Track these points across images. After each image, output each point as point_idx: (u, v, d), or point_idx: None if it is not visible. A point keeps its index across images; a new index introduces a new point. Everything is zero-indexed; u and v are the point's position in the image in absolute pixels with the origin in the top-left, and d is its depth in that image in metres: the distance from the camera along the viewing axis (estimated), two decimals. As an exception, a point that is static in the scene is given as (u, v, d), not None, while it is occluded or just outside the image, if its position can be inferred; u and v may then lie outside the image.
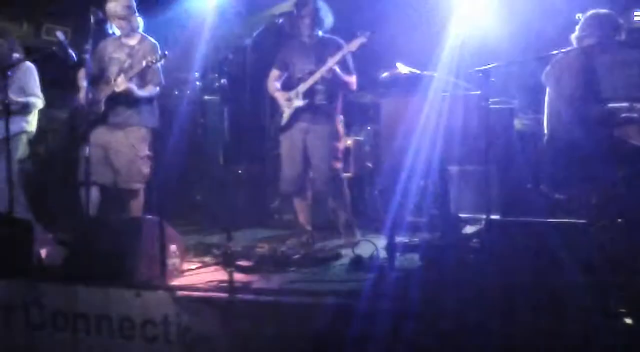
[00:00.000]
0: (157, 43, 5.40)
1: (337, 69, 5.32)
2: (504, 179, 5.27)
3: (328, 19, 5.49)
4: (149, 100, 5.40)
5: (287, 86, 5.57)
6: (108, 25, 5.36)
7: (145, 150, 5.39)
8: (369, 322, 3.49)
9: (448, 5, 6.05)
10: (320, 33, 5.47)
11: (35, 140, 6.17)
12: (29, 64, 5.99)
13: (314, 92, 5.41)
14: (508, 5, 6.03)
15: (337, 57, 5.30)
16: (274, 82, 5.62)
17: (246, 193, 6.68)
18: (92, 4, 5.07)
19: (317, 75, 5.35)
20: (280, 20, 5.44)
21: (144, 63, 5.14)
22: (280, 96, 5.54)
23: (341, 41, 5.41)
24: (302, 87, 5.42)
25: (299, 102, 5.43)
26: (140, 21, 5.42)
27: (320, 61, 5.37)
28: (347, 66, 5.43)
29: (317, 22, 5.44)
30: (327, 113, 5.46)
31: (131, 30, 5.38)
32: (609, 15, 4.79)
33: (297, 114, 5.46)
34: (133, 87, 5.22)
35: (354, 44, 5.27)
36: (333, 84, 5.40)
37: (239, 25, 7.36)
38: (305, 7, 5.42)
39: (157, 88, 5.41)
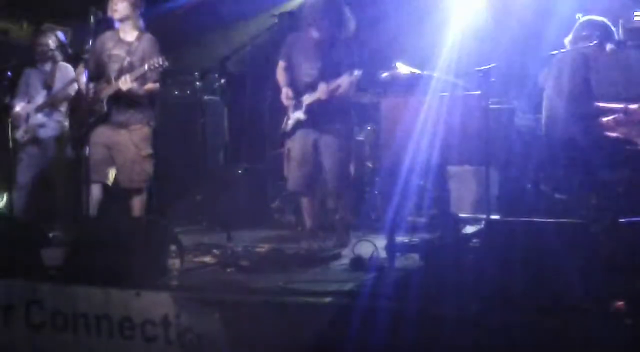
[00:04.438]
0: (156, 40, 5.37)
1: (334, 92, 5.18)
2: (504, 179, 5.27)
3: (350, 24, 5.27)
4: (150, 98, 5.39)
5: (290, 82, 5.41)
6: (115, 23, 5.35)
7: (148, 149, 5.38)
8: (369, 322, 3.49)
9: (448, 5, 6.06)
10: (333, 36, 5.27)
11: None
12: (65, 64, 6.03)
13: (315, 109, 5.28)
14: (508, 5, 6.04)
15: (331, 86, 5.15)
16: (283, 74, 5.43)
17: (246, 193, 6.68)
18: (92, 4, 5.06)
19: (315, 97, 5.22)
20: (276, 19, 5.38)
21: (146, 66, 5.10)
22: (285, 94, 5.37)
23: (353, 55, 5.19)
24: (306, 100, 5.29)
25: (301, 115, 5.33)
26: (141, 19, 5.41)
27: (327, 67, 5.21)
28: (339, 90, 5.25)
29: (335, 25, 5.22)
30: (335, 122, 5.34)
31: (130, 21, 5.31)
32: (603, 21, 4.84)
33: (301, 125, 5.36)
34: (136, 87, 5.21)
35: (344, 81, 5.12)
36: (335, 99, 5.25)
37: (239, 26, 7.37)
38: (328, 7, 5.20)
39: (157, 85, 5.39)
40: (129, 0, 5.26)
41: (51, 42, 6.09)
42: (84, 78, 5.19)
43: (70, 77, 6.00)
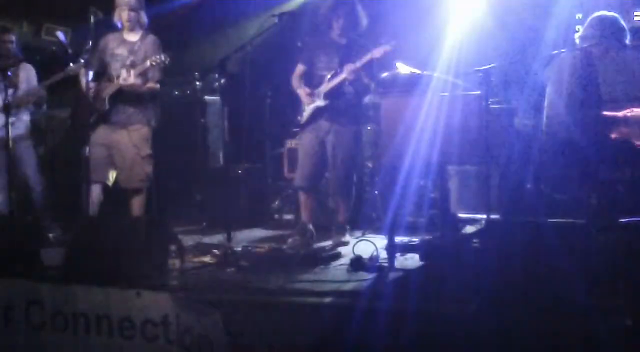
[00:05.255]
0: (158, 40, 5.39)
1: (359, 74, 5.30)
2: (504, 179, 5.27)
3: (363, 21, 5.48)
4: (151, 98, 5.39)
5: (307, 82, 5.57)
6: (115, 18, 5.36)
7: (148, 150, 5.38)
8: (369, 322, 3.49)
9: (448, 5, 6.05)
10: (351, 34, 5.46)
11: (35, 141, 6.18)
12: (28, 64, 6.01)
13: (336, 94, 5.40)
14: (508, 5, 6.04)
15: (362, 62, 5.27)
16: (298, 79, 5.61)
17: (246, 193, 6.68)
18: (92, 4, 5.07)
19: (339, 78, 5.35)
20: (276, 19, 5.40)
21: (148, 63, 5.13)
22: (302, 93, 5.53)
23: (369, 45, 5.35)
24: (324, 88, 5.42)
25: (320, 102, 5.43)
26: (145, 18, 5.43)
27: (345, 61, 5.36)
28: (371, 71, 5.41)
29: (351, 23, 5.43)
30: (351, 114, 5.46)
31: (137, 24, 5.36)
32: (614, 18, 4.80)
33: (318, 113, 5.47)
34: (139, 83, 5.23)
35: (378, 51, 5.23)
36: (356, 86, 5.40)
37: (239, 25, 7.37)
38: (342, 7, 5.41)
39: (157, 85, 5.41)
40: (133, 8, 5.30)
41: (15, 41, 6.06)
42: (85, 78, 5.18)
43: (34, 77, 6.03)
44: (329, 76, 5.41)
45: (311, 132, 5.51)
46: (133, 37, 5.39)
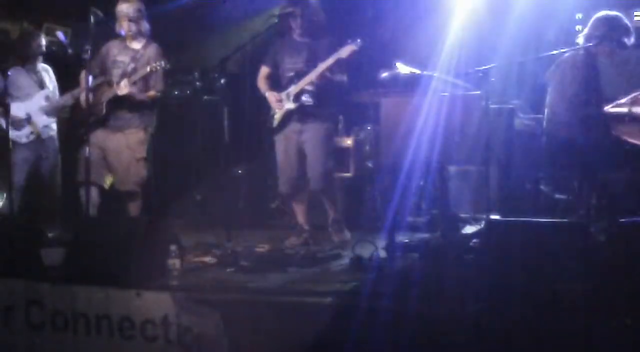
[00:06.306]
0: (161, 48, 5.40)
1: (328, 73, 5.23)
2: (504, 179, 5.27)
3: (320, 18, 5.41)
4: (150, 103, 5.40)
5: (276, 84, 5.51)
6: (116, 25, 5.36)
7: (143, 153, 5.39)
8: (369, 322, 3.49)
9: (448, 5, 6.05)
10: (312, 32, 5.40)
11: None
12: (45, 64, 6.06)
13: (306, 94, 5.35)
14: (508, 5, 6.04)
15: (327, 63, 5.21)
16: (264, 81, 5.56)
17: (246, 193, 6.68)
18: (92, 4, 5.07)
19: (307, 80, 5.28)
20: (276, 19, 5.42)
21: (148, 68, 5.14)
22: (270, 97, 5.49)
23: (334, 42, 5.30)
24: (293, 90, 5.35)
25: (290, 105, 5.39)
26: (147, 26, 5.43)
27: (310, 61, 5.30)
28: (341, 68, 5.33)
29: (309, 21, 5.36)
30: (322, 113, 5.43)
31: (138, 34, 5.37)
32: (617, 17, 4.79)
33: (289, 115, 5.43)
34: (135, 91, 5.24)
35: (345, 51, 5.16)
36: (326, 85, 5.35)
37: (239, 26, 7.37)
38: (297, 5, 5.34)
39: (159, 94, 5.41)
40: (132, 19, 5.29)
41: (44, 43, 6.06)
42: (85, 82, 5.19)
43: (54, 78, 6.07)
44: (295, 77, 5.36)
45: (285, 136, 5.45)
46: (136, 45, 5.40)
